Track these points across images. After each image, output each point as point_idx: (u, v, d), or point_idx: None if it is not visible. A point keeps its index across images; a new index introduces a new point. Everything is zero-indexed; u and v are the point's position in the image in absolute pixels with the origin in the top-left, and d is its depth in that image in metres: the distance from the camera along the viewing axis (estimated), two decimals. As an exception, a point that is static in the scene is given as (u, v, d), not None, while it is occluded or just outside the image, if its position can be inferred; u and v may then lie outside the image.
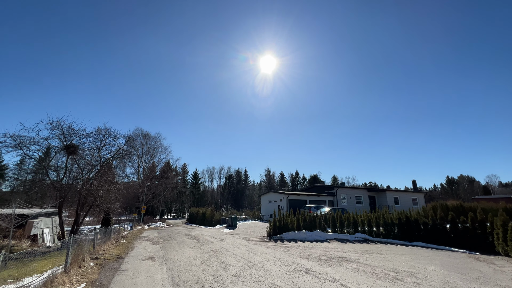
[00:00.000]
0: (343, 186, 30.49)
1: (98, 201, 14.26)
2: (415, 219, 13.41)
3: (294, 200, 27.83)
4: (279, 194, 29.21)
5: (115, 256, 9.27)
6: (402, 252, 10.58)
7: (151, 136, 47.86)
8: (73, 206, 15.22)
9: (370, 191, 32.67)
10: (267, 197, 31.71)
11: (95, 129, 13.32)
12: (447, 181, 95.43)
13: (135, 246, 12.75)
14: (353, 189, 31.35)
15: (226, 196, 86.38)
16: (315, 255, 9.91)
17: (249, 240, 15.38)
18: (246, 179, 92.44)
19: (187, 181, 77.66)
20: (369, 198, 32.41)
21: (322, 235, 15.50)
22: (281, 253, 10.37)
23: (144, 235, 18.04)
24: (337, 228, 16.24)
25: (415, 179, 34.84)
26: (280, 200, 28.27)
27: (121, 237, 15.93)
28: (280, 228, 16.77)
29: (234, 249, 11.45)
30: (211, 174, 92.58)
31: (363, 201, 31.68)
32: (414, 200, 33.73)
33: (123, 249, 11.41)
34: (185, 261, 8.89)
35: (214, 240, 15.16)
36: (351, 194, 31.04)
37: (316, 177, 73.23)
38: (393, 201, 31.68)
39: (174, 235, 18.11)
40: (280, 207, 28.13)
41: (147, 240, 15.39)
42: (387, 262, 8.56)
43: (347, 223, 15.96)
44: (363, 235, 14.92)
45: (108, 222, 19.83)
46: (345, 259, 9.00)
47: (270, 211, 29.69)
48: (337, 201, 29.72)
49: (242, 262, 8.48)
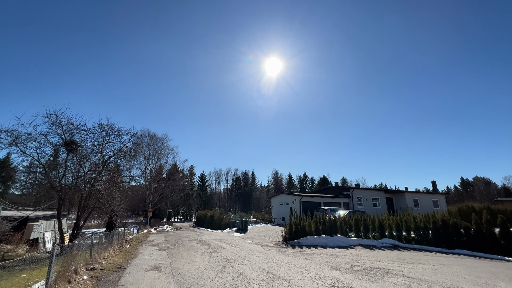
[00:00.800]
0: (358, 188, 28.81)
1: (100, 202, 13.15)
2: (454, 222, 11.79)
3: (307, 202, 26.29)
4: (291, 196, 27.74)
5: (116, 266, 8.05)
6: (448, 262, 9.01)
7: (158, 137, 47.19)
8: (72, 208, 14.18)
9: (388, 193, 30.82)
10: (278, 199, 30.25)
11: (96, 124, 12.25)
12: (462, 183, 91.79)
13: (140, 252, 11.54)
14: (369, 190, 29.60)
15: (233, 198, 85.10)
16: (346, 265, 8.47)
17: (263, 245, 14.00)
18: (254, 181, 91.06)
19: (194, 183, 76.79)
20: (387, 200, 30.56)
21: (345, 241, 13.99)
22: (305, 263, 8.96)
23: (150, 240, 16.87)
24: (360, 232, 14.70)
25: (434, 180, 32.86)
26: (292, 202, 26.77)
27: (126, 242, 14.78)
28: (297, 232, 15.33)
29: (250, 257, 10.10)
30: (218, 176, 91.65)
31: (380, 203, 29.86)
32: (434, 202, 31.66)
33: (126, 256, 10.21)
34: (196, 272, 7.59)
35: (225, 245, 13.84)
36: (367, 196, 29.28)
37: (325, 179, 71.27)
38: (412, 203, 29.74)
39: (182, 239, 16.87)
40: (293, 209, 26.60)
41: (153, 245, 14.19)
42: (438, 275, 7.06)
43: (372, 227, 14.40)
44: (392, 241, 13.34)
45: (112, 226, 18.75)
46: (385, 271, 7.54)
47: (281, 214, 28.24)
48: (353, 203, 28.02)
49: (263, 275, 7.13)
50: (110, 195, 13.79)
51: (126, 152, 14.00)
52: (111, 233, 12.23)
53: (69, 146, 11.77)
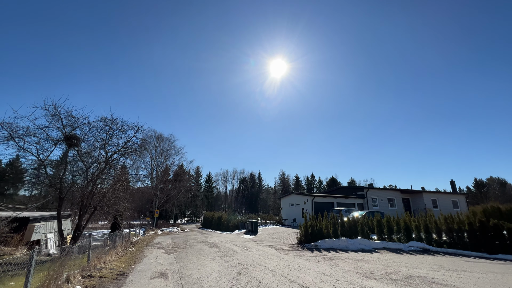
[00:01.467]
0: (373, 188, 27.39)
1: (103, 202, 12.29)
2: (495, 224, 10.46)
3: (320, 203, 25.04)
4: (302, 196, 26.52)
5: (117, 272, 7.10)
6: (498, 270, 7.75)
7: (164, 137, 46.63)
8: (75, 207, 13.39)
9: (404, 193, 29.28)
10: (288, 200, 29.06)
11: (98, 117, 11.41)
12: (475, 184, 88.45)
13: (145, 256, 10.59)
14: (385, 190, 28.15)
15: (240, 200, 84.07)
16: (379, 273, 7.32)
17: (278, 249, 12.90)
18: (260, 182, 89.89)
19: (200, 184, 76.15)
20: (403, 200, 29.03)
21: (367, 244, 12.77)
22: (331, 269, 7.84)
23: (157, 242, 15.95)
24: (384, 235, 13.45)
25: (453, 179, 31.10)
26: (304, 203, 25.56)
27: (130, 244, 13.89)
28: (313, 234, 14.18)
29: (266, 262, 9.03)
30: (225, 177, 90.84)
31: (396, 204, 28.35)
32: (454, 203, 29.94)
33: (129, 260, 9.26)
34: (208, 280, 6.57)
35: (237, 248, 12.79)
36: (382, 196, 27.82)
37: (334, 180, 69.60)
38: (431, 203, 28.14)
39: (190, 241, 15.91)
40: (305, 210, 25.40)
41: (160, 247, 13.25)
42: (498, 287, 5.86)
43: (397, 229, 13.13)
44: (420, 244, 12.05)
45: (116, 227, 17.94)
46: (430, 281, 6.36)
47: (292, 215, 27.04)
48: (368, 203, 26.62)
49: (287, 285, 6.05)
50: (114, 194, 12.94)
51: (131, 148, 13.13)
52: (113, 235, 11.33)
53: (69, 141, 10.97)
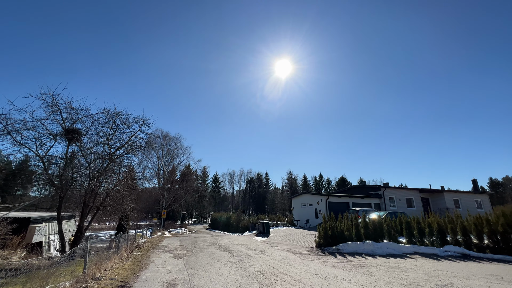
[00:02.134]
0: (390, 187, 25.84)
1: (106, 201, 11.37)
2: (552, 226, 9.05)
3: (334, 203, 23.72)
4: (316, 196, 25.22)
5: (118, 283, 6.08)
6: None
7: (171, 136, 45.95)
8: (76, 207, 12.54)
9: (423, 192, 27.64)
10: (300, 200, 27.80)
11: (101, 109, 10.48)
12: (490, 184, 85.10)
13: (151, 261, 9.59)
14: (403, 189, 26.59)
15: (247, 200, 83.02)
16: (428, 285, 6.09)
17: (297, 253, 11.72)
18: (267, 182, 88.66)
19: (207, 185, 75.45)
20: (422, 200, 27.40)
21: (396, 248, 11.47)
22: (367, 280, 6.64)
23: (164, 244, 14.98)
24: (414, 237, 12.11)
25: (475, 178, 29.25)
26: (317, 203, 24.27)
27: (136, 247, 12.94)
28: (333, 237, 12.95)
29: (288, 270, 7.88)
30: (231, 177, 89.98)
31: (415, 204, 26.75)
32: (477, 203, 28.14)
33: (134, 267, 8.25)
34: (225, 294, 5.47)
35: (251, 252, 11.67)
36: (400, 196, 26.27)
37: (344, 179, 67.81)
38: (452, 203, 26.43)
39: (199, 244, 14.87)
40: (318, 211, 24.13)
41: (167, 251, 12.24)
42: None
43: (429, 231, 11.76)
44: (458, 249, 10.68)
45: (121, 228, 17.08)
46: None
47: (305, 216, 25.75)
48: (385, 203, 25.14)
49: (325, 302, 4.89)
50: (118, 193, 12.00)
51: (136, 144, 12.18)
52: (118, 237, 10.37)
53: (70, 135, 10.07)
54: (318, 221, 23.77)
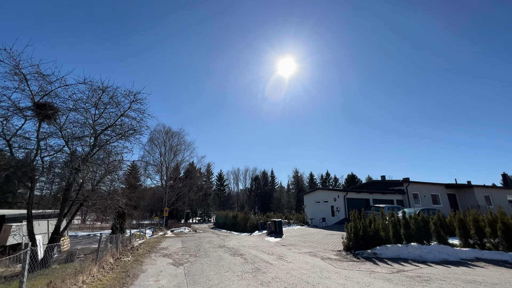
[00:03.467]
0: (414, 181, 23.39)
1: (92, 195, 9.26)
2: None
3: (353, 199, 21.39)
4: (332, 192, 22.87)
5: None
6: None
7: (174, 131, 43.94)
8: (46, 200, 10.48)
9: (449, 188, 25.10)
10: (313, 197, 25.48)
11: (81, 79, 8.31)
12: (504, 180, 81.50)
13: (143, 270, 7.44)
14: (427, 185, 24.10)
15: (252, 198, 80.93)
16: None
17: (324, 258, 9.48)
18: (273, 180, 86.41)
19: (212, 183, 73.52)
20: (448, 196, 24.87)
21: (451, 252, 9.15)
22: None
23: (163, 246, 12.87)
24: (471, 239, 9.76)
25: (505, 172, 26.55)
26: (334, 200, 21.94)
27: (130, 250, 10.85)
28: (366, 238, 10.67)
29: (326, 284, 5.65)
30: (236, 175, 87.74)
31: (441, 200, 24.26)
32: (510, 201, 25.48)
33: (115, 280, 6.10)
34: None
35: (268, 257, 9.46)
36: (425, 192, 23.80)
37: (353, 176, 65.22)
38: (483, 200, 23.85)
39: (204, 246, 12.73)
40: (335, 208, 21.80)
41: (166, 255, 10.12)
42: None
43: (491, 231, 9.40)
44: (535, 254, 8.33)
45: (117, 228, 15.06)
46: None
47: (319, 214, 23.45)
48: (408, 199, 22.71)
49: None
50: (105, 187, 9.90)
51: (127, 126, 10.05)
52: (104, 239, 8.27)
53: (41, 110, 7.95)
54: (335, 219, 21.46)
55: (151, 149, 41.94)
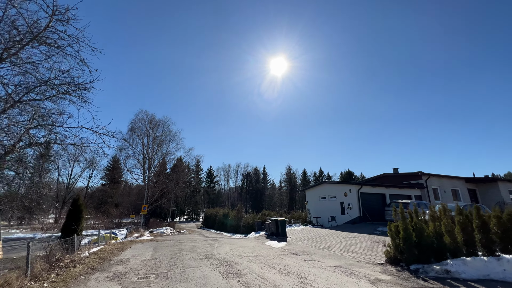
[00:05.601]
0: (433, 174, 20.35)
1: None
2: None
3: (367, 194, 18.10)
4: (342, 186, 19.39)
5: None
6: None
7: (158, 120, 39.43)
8: None
9: (469, 182, 22.34)
10: (318, 192, 22.00)
11: None
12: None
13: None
14: (447, 179, 21.20)
15: (244, 196, 77.14)
16: None
17: (371, 279, 5.91)
18: (265, 178, 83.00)
19: (201, 179, 69.16)
20: (469, 191, 22.08)
21: None
22: None
23: (123, 258, 8.98)
24: None
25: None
26: (344, 195, 18.53)
27: (69, 263, 6.94)
28: (423, 246, 7.22)
29: None
30: (227, 172, 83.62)
31: (461, 196, 21.43)
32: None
33: None
34: None
35: (282, 280, 5.78)
36: (445, 186, 20.88)
37: (350, 173, 62.59)
38: (508, 196, 21.16)
39: (184, 257, 8.94)
40: (346, 204, 18.41)
41: (116, 277, 6.29)
42: None
43: None
44: None
45: (69, 229, 11.03)
46: None
47: (325, 212, 19.96)
48: (428, 195, 19.67)
49: None
50: (23, 165, 5.99)
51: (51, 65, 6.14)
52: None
53: None
54: (345, 218, 18.09)
55: (132, 140, 37.35)
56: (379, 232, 13.22)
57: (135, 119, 38.58)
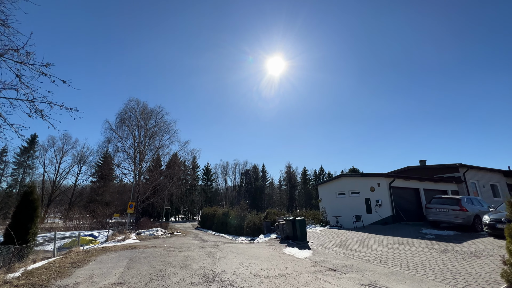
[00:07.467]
0: (472, 166, 17.30)
1: None
2: None
3: (398, 188, 15.01)
4: (367, 180, 16.13)
5: None
6: None
7: (151, 109, 36.04)
8: None
9: (508, 176, 19.40)
10: (334, 187, 18.77)
11: None
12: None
13: None
14: (485, 171, 18.24)
15: (242, 194, 73.70)
16: None
17: None
18: (264, 176, 79.74)
19: (197, 176, 65.57)
20: (508, 186, 19.18)
21: None
22: None
23: (74, 279, 5.74)
24: None
25: None
26: (371, 190, 15.40)
27: None
28: None
29: None
30: (225, 169, 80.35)
31: (500, 192, 18.51)
32: None
33: None
34: None
35: None
36: (483, 181, 17.96)
37: (355, 170, 59.69)
38: (553, 192, 18.29)
39: (169, 278, 5.69)
40: (373, 201, 15.28)
41: None
42: None
43: None
44: None
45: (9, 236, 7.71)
46: None
47: (345, 211, 16.77)
48: (467, 190, 16.70)
49: None
50: None
51: None
52: None
53: None
54: (373, 217, 14.98)
55: (122, 132, 33.87)
56: (433, 237, 10.11)
57: (125, 109, 34.94)
